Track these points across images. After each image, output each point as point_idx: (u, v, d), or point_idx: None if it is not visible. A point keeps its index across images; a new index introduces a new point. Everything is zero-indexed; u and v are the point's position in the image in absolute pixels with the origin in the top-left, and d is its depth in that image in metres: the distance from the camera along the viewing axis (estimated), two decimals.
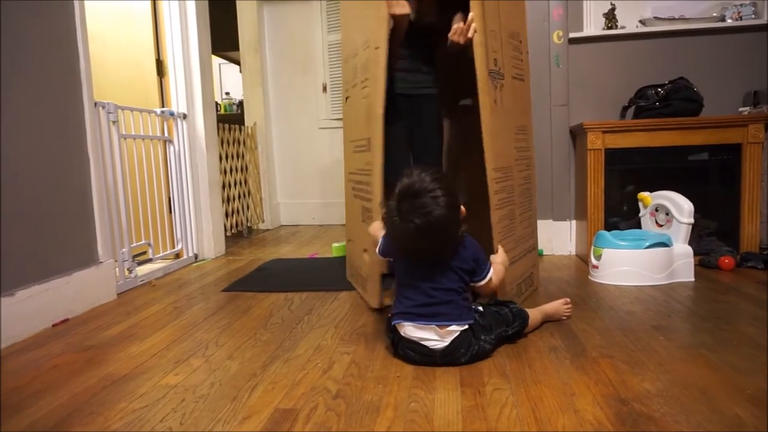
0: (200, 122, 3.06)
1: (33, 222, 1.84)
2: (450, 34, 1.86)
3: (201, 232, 3.10)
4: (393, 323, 1.45)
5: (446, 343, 1.37)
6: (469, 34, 1.76)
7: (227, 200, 3.64)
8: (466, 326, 1.39)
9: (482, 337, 1.41)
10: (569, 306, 1.76)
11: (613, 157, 2.59)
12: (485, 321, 1.44)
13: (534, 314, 1.61)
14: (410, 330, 1.40)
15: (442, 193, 1.34)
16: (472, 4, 1.75)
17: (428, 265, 1.42)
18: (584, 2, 2.82)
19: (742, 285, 2.11)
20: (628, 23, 2.85)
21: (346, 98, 2.34)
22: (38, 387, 1.36)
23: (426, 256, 1.41)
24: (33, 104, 1.87)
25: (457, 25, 1.83)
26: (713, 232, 2.65)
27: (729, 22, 2.73)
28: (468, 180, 2.51)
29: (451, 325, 1.38)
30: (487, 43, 1.78)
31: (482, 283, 1.48)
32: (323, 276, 2.52)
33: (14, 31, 1.79)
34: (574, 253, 2.88)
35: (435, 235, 1.35)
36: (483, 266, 1.48)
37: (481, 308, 1.49)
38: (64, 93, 2.03)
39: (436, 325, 1.37)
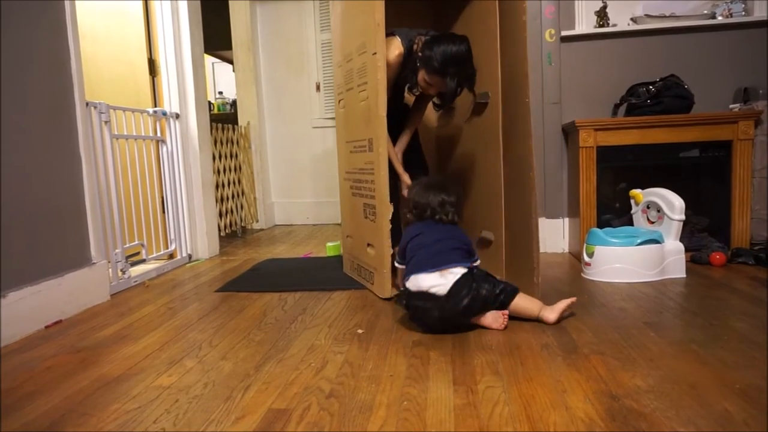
0: (193, 122, 3.05)
1: (25, 223, 1.83)
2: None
3: (195, 232, 3.10)
4: (405, 281, 1.70)
5: (449, 285, 1.59)
6: None
7: (221, 200, 3.63)
8: (466, 269, 1.63)
9: (481, 284, 1.62)
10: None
11: (605, 154, 2.61)
12: (481, 273, 1.69)
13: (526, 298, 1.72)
14: (419, 280, 1.63)
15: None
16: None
17: (439, 247, 1.70)
18: (576, 0, 2.83)
19: (733, 281, 2.13)
20: (620, 21, 2.87)
21: (339, 101, 2.42)
22: (31, 389, 1.35)
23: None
24: (23, 104, 1.86)
25: None
26: (704, 229, 2.68)
27: (719, 19, 2.74)
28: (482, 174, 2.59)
29: (452, 267, 1.62)
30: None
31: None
32: (317, 275, 2.52)
33: (3, 30, 1.78)
34: (567, 250, 2.89)
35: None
36: (473, 249, 1.77)
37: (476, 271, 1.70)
38: (55, 93, 2.02)
39: (440, 270, 1.62)
